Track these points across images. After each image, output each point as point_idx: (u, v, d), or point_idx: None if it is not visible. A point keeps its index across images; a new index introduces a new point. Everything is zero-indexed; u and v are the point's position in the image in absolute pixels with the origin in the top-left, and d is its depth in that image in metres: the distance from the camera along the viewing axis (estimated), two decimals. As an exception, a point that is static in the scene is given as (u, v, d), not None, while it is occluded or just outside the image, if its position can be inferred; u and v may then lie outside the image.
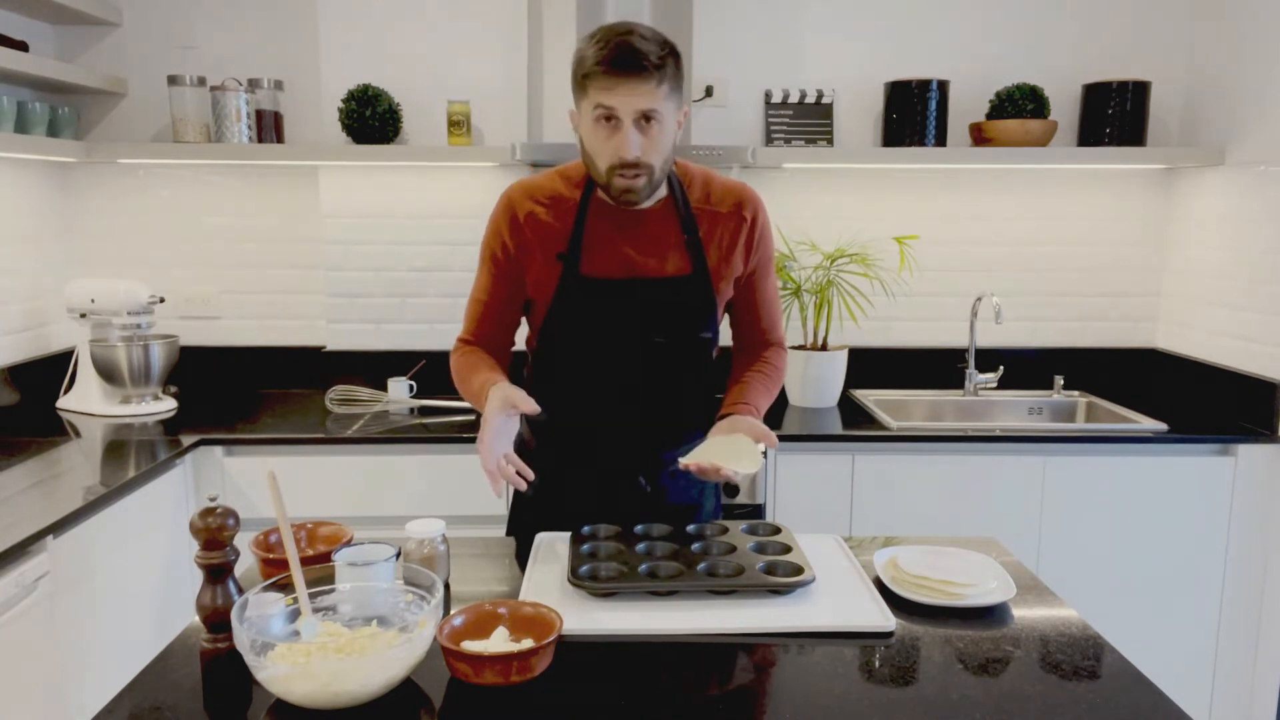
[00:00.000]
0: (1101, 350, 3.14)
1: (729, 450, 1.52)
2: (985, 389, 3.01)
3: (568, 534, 1.61)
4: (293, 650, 1.09)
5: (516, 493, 1.86)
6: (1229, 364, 2.77)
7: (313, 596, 1.22)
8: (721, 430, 1.60)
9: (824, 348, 2.89)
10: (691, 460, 1.51)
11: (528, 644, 1.19)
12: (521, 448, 1.85)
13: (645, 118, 1.50)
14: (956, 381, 3.08)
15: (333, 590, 1.26)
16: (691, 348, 1.69)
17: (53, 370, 2.84)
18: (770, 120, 2.95)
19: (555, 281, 1.64)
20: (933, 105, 2.84)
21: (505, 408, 1.53)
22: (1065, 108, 3.00)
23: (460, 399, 2.80)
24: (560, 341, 1.68)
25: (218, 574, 1.18)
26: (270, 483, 1.22)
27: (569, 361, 1.69)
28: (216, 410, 2.78)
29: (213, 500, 1.19)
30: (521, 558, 1.61)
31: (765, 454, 2.49)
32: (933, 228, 3.07)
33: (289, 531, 1.23)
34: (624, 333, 1.65)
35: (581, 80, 1.52)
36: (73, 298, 2.71)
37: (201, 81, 2.85)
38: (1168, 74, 3.00)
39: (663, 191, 1.65)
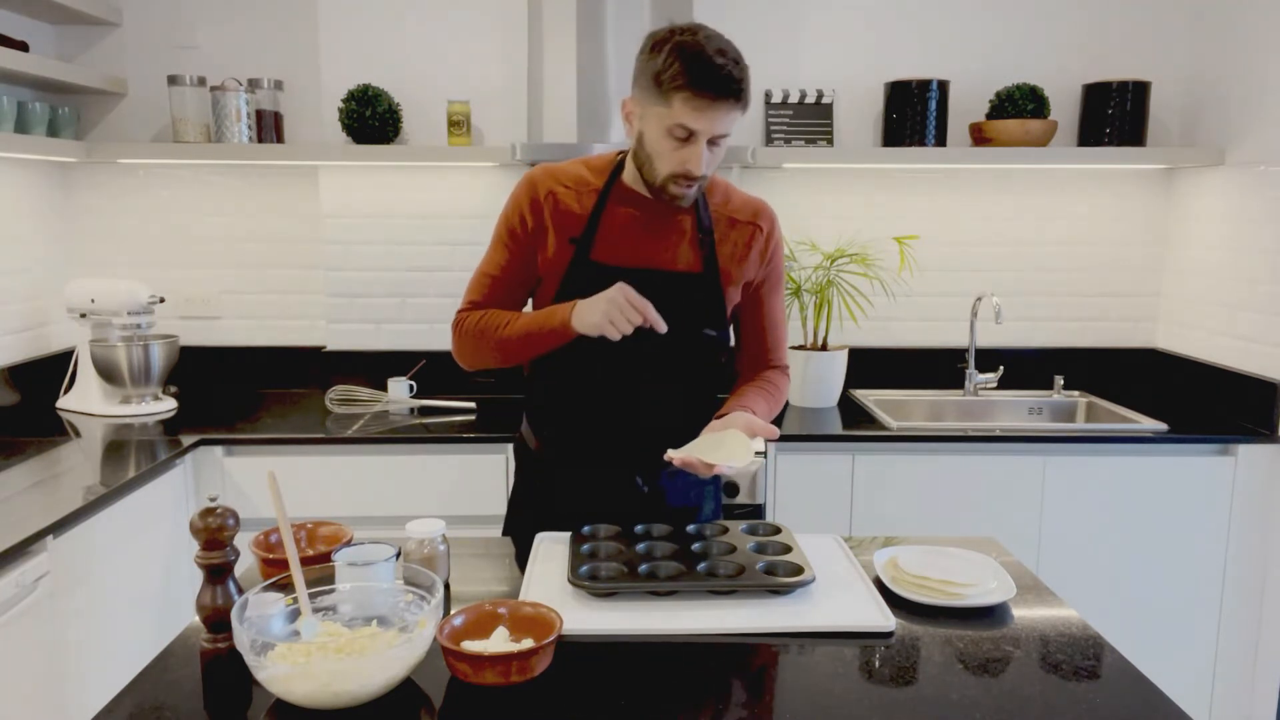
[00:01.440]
0: (1101, 350, 3.14)
1: (719, 445, 1.51)
2: (985, 389, 3.01)
3: (568, 534, 1.61)
4: (293, 650, 1.09)
5: (514, 492, 1.86)
6: (1229, 364, 2.77)
7: (313, 596, 1.22)
8: (714, 429, 1.59)
9: (824, 348, 2.89)
10: (678, 454, 1.50)
11: (528, 644, 1.19)
12: (524, 449, 1.85)
13: (718, 137, 1.53)
14: (956, 381, 3.08)
15: (333, 590, 1.26)
16: (695, 345, 1.69)
17: (53, 370, 2.84)
18: (770, 120, 2.95)
19: (565, 265, 1.65)
20: (933, 105, 2.84)
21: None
22: (1065, 108, 3.00)
23: (460, 399, 2.83)
24: None
25: (218, 574, 1.18)
26: (270, 483, 1.22)
27: (571, 350, 1.68)
28: (216, 410, 2.78)
29: (213, 500, 1.19)
30: (521, 558, 1.61)
31: (765, 452, 2.50)
32: (933, 228, 3.07)
33: (289, 531, 1.23)
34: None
35: (665, 92, 1.50)
36: (73, 298, 2.71)
37: (201, 81, 2.85)
38: (1168, 74, 3.00)
39: None
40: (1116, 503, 2.57)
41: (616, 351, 1.64)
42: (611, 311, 1.51)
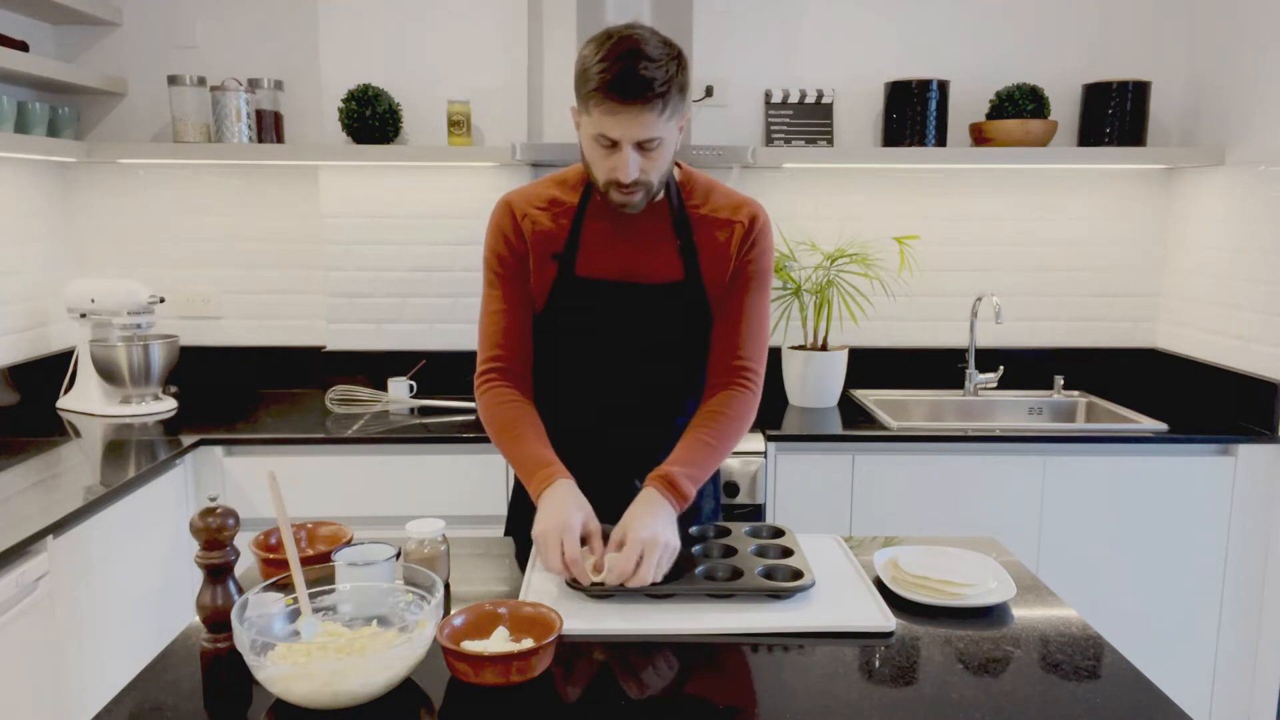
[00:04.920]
0: (1101, 350, 3.14)
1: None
2: (985, 389, 3.01)
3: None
4: (293, 650, 1.09)
5: (515, 494, 1.86)
6: (1229, 364, 2.77)
7: (313, 596, 1.22)
8: (625, 520, 1.48)
9: (824, 348, 2.89)
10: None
11: (528, 644, 1.19)
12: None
13: (646, 143, 1.49)
14: (956, 381, 3.08)
15: (333, 590, 1.26)
16: (684, 352, 1.69)
17: (53, 370, 2.84)
18: (770, 120, 2.95)
19: (551, 281, 1.65)
20: (933, 105, 2.84)
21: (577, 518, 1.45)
22: (1065, 108, 3.00)
23: (460, 399, 2.83)
24: (554, 342, 1.68)
25: (218, 574, 1.18)
26: (270, 483, 1.22)
27: (562, 362, 1.69)
28: (216, 410, 2.78)
29: (213, 500, 1.19)
30: (521, 558, 1.61)
31: (765, 452, 2.49)
32: (933, 228, 3.07)
33: (289, 531, 1.23)
34: (616, 335, 1.65)
35: (583, 99, 1.48)
36: (73, 298, 2.71)
37: (201, 81, 2.85)
38: (1168, 74, 3.00)
39: (659, 195, 1.65)
40: (1116, 503, 2.56)
41: (609, 360, 1.65)
42: (540, 544, 1.44)
